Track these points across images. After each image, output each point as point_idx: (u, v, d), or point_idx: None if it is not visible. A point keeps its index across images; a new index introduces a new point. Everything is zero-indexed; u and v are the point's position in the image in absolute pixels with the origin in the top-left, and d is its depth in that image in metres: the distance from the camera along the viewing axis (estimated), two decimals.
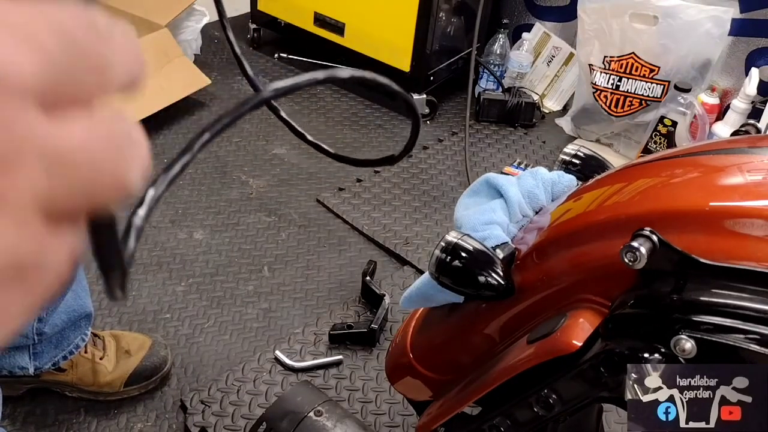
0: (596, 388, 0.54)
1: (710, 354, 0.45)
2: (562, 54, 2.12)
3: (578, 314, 0.55)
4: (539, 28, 2.14)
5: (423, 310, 0.79)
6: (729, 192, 0.53)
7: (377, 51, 1.96)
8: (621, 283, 0.53)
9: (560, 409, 0.58)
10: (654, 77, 1.83)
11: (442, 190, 1.75)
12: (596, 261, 0.55)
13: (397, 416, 1.18)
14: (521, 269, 0.63)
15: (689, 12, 1.72)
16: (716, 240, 0.49)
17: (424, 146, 1.91)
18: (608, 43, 1.85)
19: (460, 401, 0.67)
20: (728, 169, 0.54)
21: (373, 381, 1.24)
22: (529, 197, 0.69)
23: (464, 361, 0.70)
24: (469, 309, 0.69)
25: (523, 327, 0.62)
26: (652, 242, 0.47)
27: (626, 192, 0.58)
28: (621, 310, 0.52)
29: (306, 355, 1.28)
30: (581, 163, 0.73)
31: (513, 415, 0.62)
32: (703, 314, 0.47)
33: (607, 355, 0.52)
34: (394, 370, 0.80)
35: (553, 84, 2.16)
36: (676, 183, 0.56)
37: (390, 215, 1.66)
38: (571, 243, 0.59)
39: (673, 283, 0.49)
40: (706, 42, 1.75)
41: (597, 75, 1.90)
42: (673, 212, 0.51)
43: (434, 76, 1.99)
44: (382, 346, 1.31)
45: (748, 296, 0.46)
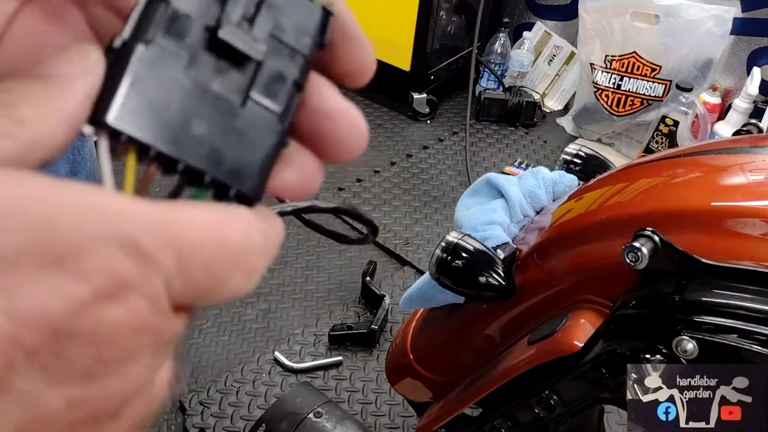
0: (597, 389, 0.54)
1: (712, 354, 0.45)
2: (563, 53, 2.12)
3: (579, 315, 0.55)
4: (540, 26, 2.14)
5: (423, 311, 0.79)
6: (731, 192, 0.52)
7: (377, 50, 1.88)
8: (622, 284, 0.53)
9: (561, 410, 0.58)
10: (655, 76, 1.83)
11: (443, 190, 1.75)
12: (598, 261, 0.55)
13: (398, 418, 1.18)
14: (522, 270, 0.62)
15: (691, 11, 1.72)
16: (718, 240, 0.48)
17: (424, 146, 1.91)
18: (609, 42, 1.84)
19: (460, 402, 0.66)
20: (730, 168, 0.54)
21: (373, 382, 1.24)
22: (530, 197, 0.69)
23: (465, 362, 0.69)
24: (470, 310, 0.69)
25: (524, 328, 0.62)
26: (653, 242, 0.47)
27: (628, 192, 0.57)
28: (622, 310, 0.52)
29: (305, 356, 1.28)
30: (582, 162, 0.73)
31: (514, 416, 0.62)
32: (704, 315, 0.46)
33: (609, 355, 0.52)
34: (394, 371, 0.79)
35: (554, 83, 2.15)
36: (678, 183, 0.56)
37: (390, 215, 1.65)
38: (572, 243, 0.58)
39: (674, 284, 0.49)
40: (707, 41, 1.74)
41: (598, 74, 1.90)
42: (675, 212, 0.51)
43: (434, 75, 1.99)
44: (382, 347, 1.30)
45: (750, 297, 0.46)
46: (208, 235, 0.16)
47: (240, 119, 0.20)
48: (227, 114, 0.19)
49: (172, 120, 0.18)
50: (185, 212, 0.16)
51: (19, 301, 0.13)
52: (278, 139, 0.20)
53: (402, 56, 1.92)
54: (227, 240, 0.17)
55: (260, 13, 0.20)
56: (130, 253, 0.15)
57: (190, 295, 0.16)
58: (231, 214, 0.17)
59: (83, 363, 0.14)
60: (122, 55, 0.18)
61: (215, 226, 0.16)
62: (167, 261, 0.15)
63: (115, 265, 0.14)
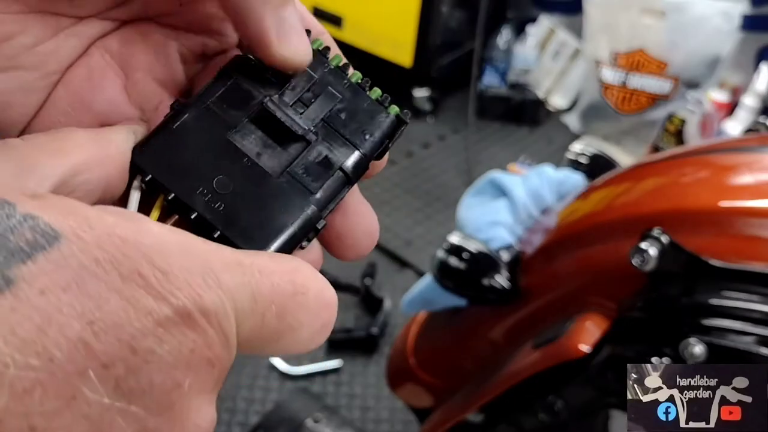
0: (604, 394, 0.54)
1: (720, 358, 0.45)
2: (568, 49, 2.10)
3: (585, 318, 0.55)
4: (545, 22, 2.13)
5: (425, 314, 0.79)
6: (739, 191, 0.53)
7: (377, 45, 1.94)
8: (629, 286, 0.52)
9: (567, 416, 0.57)
10: (662, 73, 1.82)
11: (445, 190, 1.74)
12: (604, 263, 0.55)
13: (398, 424, 1.17)
14: (526, 272, 0.63)
15: (698, 7, 1.71)
16: (726, 240, 0.49)
17: (425, 144, 1.90)
18: (616, 38, 1.83)
19: (463, 408, 0.66)
20: (738, 168, 0.54)
21: (373, 387, 1.23)
22: (534, 197, 0.69)
23: (467, 366, 0.69)
24: (473, 313, 0.69)
25: (528, 331, 0.62)
26: (661, 243, 0.47)
27: (634, 192, 0.58)
28: (629, 313, 0.52)
29: (304, 360, 1.26)
30: (589, 161, 0.73)
31: (518, 422, 0.61)
32: (713, 317, 0.47)
33: (615, 359, 0.51)
34: (394, 375, 0.79)
35: (559, 80, 2.14)
36: (686, 182, 0.56)
37: (391, 216, 1.64)
38: (578, 244, 0.58)
39: (682, 286, 0.49)
40: (715, 38, 1.73)
41: (604, 71, 1.88)
42: (683, 212, 0.51)
43: (436, 71, 1.97)
44: (382, 351, 1.29)
45: (759, 298, 0.46)
46: (286, 282, 0.17)
47: (270, 188, 0.21)
48: (258, 180, 0.21)
49: (200, 172, 0.20)
50: (263, 260, 0.17)
51: (99, 311, 0.14)
52: (306, 218, 0.21)
53: (403, 51, 1.91)
54: (304, 291, 0.18)
55: (317, 101, 0.22)
56: (211, 286, 0.15)
57: (258, 338, 0.17)
58: (308, 268, 0.18)
59: (159, 387, 0.15)
60: (177, 111, 0.21)
61: (292, 276, 0.17)
62: (244, 300, 0.16)
63: (198, 292, 0.15)
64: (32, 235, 0.14)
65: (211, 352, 0.15)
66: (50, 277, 0.13)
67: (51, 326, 0.13)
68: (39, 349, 0.13)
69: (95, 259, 0.14)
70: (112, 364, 0.14)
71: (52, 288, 0.13)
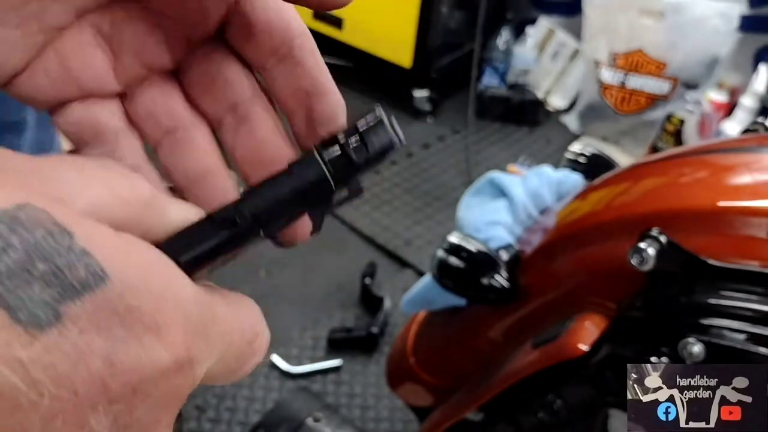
0: (602, 393, 0.54)
1: (718, 357, 0.45)
2: (567, 50, 2.11)
3: (584, 317, 0.55)
4: (544, 22, 2.13)
5: (425, 314, 0.79)
6: (738, 191, 0.52)
7: (377, 45, 1.94)
8: (628, 285, 0.52)
9: (566, 415, 0.57)
10: (661, 74, 1.82)
11: (444, 190, 1.74)
12: (603, 263, 0.55)
13: (398, 423, 1.17)
14: (526, 271, 0.62)
15: (697, 7, 1.71)
16: (725, 240, 0.48)
17: (425, 144, 1.90)
18: (615, 39, 1.83)
19: (462, 407, 0.66)
20: (737, 168, 0.54)
21: (373, 386, 1.23)
22: (534, 197, 0.69)
23: (467, 365, 0.69)
24: (473, 312, 0.68)
25: (527, 331, 0.62)
26: (659, 243, 0.47)
27: (633, 192, 0.58)
28: (628, 313, 0.52)
29: (304, 359, 1.27)
30: (587, 162, 0.73)
31: (517, 421, 0.61)
32: (711, 317, 0.47)
33: (614, 359, 0.51)
34: (394, 374, 0.79)
35: (558, 80, 2.14)
36: (684, 182, 0.56)
37: (390, 215, 1.64)
38: (577, 244, 0.58)
39: (681, 286, 0.48)
40: (713, 38, 1.73)
41: (603, 71, 1.88)
42: (681, 212, 0.51)
43: (436, 71, 1.97)
44: (383, 350, 1.29)
45: (758, 298, 0.46)
46: (246, 335, 0.20)
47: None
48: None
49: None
50: (229, 313, 0.20)
51: (120, 354, 0.15)
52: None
53: (402, 52, 1.91)
54: (259, 341, 0.21)
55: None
56: (200, 336, 0.17)
57: (212, 378, 0.20)
58: (260, 319, 0.22)
59: (145, 423, 0.17)
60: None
61: (251, 330, 0.21)
62: (222, 350, 0.19)
63: (195, 345, 0.17)
64: (85, 274, 0.15)
65: (185, 393, 0.18)
66: (89, 318, 0.15)
67: (81, 364, 0.15)
68: (68, 384, 0.15)
69: (128, 306, 0.16)
70: (117, 401, 0.15)
71: (90, 329, 0.15)
